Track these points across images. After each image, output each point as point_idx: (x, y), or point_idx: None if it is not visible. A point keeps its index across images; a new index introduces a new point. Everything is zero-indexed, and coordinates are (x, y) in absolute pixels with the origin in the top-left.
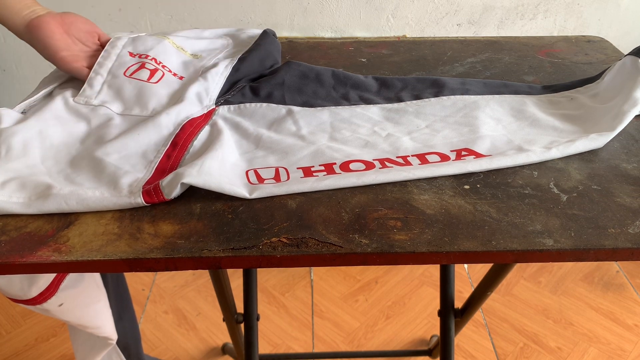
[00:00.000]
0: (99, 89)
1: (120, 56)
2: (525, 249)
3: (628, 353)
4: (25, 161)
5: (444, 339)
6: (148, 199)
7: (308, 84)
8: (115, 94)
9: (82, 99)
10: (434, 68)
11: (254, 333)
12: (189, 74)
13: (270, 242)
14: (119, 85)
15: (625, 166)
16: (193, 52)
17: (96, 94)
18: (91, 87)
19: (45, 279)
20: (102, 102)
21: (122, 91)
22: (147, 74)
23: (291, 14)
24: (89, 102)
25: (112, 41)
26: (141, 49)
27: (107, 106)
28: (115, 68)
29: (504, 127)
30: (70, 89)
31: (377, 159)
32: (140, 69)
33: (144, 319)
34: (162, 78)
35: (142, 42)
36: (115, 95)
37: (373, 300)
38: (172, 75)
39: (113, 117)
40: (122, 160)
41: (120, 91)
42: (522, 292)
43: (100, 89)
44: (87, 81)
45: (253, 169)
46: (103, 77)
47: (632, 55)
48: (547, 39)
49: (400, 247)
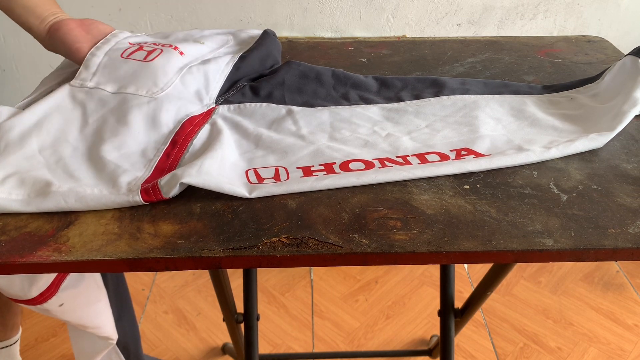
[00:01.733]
0: (94, 70)
1: (119, 42)
2: (525, 249)
3: (628, 353)
4: (23, 152)
5: (444, 339)
6: (146, 198)
7: (308, 84)
8: (109, 74)
9: (77, 81)
10: (434, 68)
11: (254, 333)
12: (189, 52)
13: (270, 242)
14: (115, 66)
15: (625, 166)
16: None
17: (91, 76)
18: (87, 69)
19: (45, 279)
20: (97, 84)
21: (117, 71)
22: (144, 54)
23: (291, 14)
24: (84, 84)
25: (115, 32)
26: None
27: (102, 87)
28: (113, 51)
29: (504, 126)
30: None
31: (376, 159)
32: (138, 50)
33: (144, 319)
34: (160, 54)
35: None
36: (109, 75)
37: (373, 300)
38: (173, 48)
39: (108, 101)
40: (121, 158)
41: (115, 71)
42: (522, 292)
43: (96, 70)
44: (83, 63)
45: (253, 169)
46: (99, 58)
47: (632, 55)
48: (547, 39)
49: (400, 247)
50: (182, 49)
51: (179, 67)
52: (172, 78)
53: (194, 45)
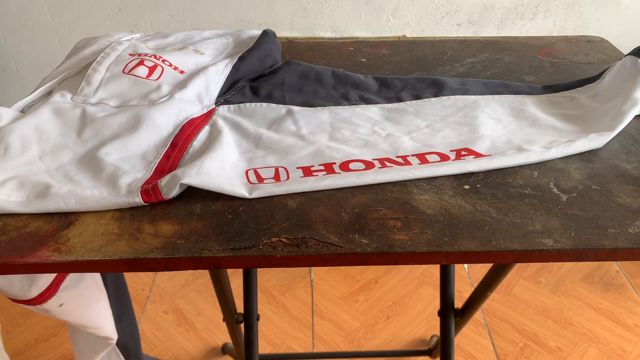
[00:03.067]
0: (96, 86)
1: (119, 56)
2: (525, 249)
3: (628, 353)
4: (23, 159)
5: (444, 339)
6: (146, 199)
7: (308, 84)
8: (112, 90)
9: (80, 97)
10: (434, 68)
11: (254, 333)
12: (189, 69)
13: (270, 242)
14: (117, 82)
15: (625, 166)
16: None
17: (94, 92)
18: (89, 85)
19: (45, 279)
20: (100, 100)
21: (119, 87)
22: (146, 71)
23: (291, 14)
24: (87, 100)
25: (113, 45)
26: (141, 51)
27: (105, 102)
28: (114, 66)
29: (504, 127)
30: (69, 87)
31: (376, 159)
32: (139, 65)
33: (144, 319)
34: (163, 74)
35: (143, 48)
36: (112, 91)
37: (373, 300)
38: (173, 69)
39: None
40: (121, 160)
41: (117, 87)
42: (522, 292)
43: (98, 86)
44: (85, 78)
45: (253, 169)
46: (101, 74)
47: (632, 55)
48: (547, 39)
49: (400, 247)
50: (182, 67)
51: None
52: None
53: (194, 57)
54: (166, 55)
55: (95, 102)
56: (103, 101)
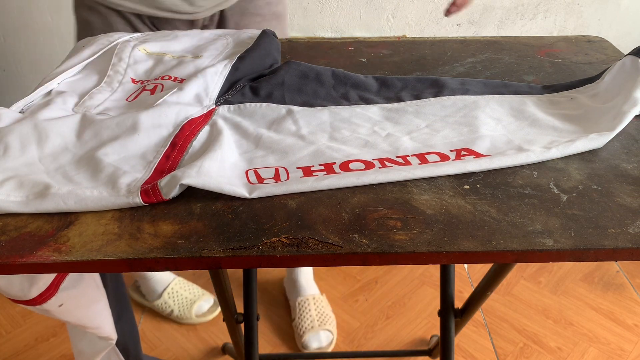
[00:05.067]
0: (99, 103)
1: (123, 83)
2: (525, 249)
3: (628, 353)
4: (23, 159)
5: (444, 339)
6: (146, 199)
7: (308, 84)
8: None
9: (81, 109)
10: (434, 68)
11: (254, 333)
12: (189, 75)
13: (270, 242)
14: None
15: (625, 166)
16: (194, 53)
17: (96, 106)
18: (91, 99)
19: (45, 280)
20: (104, 110)
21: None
22: (147, 95)
23: (291, 14)
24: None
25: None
26: (143, 75)
27: (106, 113)
28: (119, 93)
29: (504, 127)
30: (69, 89)
31: (376, 159)
32: (142, 92)
33: (144, 319)
34: (163, 89)
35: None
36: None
37: (373, 300)
38: (172, 80)
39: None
40: (121, 161)
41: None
42: (522, 292)
43: (100, 103)
44: (88, 94)
45: (253, 169)
46: (105, 97)
47: (632, 55)
48: (547, 39)
49: (400, 247)
50: (182, 76)
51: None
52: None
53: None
54: (166, 72)
55: (97, 112)
56: (105, 112)
